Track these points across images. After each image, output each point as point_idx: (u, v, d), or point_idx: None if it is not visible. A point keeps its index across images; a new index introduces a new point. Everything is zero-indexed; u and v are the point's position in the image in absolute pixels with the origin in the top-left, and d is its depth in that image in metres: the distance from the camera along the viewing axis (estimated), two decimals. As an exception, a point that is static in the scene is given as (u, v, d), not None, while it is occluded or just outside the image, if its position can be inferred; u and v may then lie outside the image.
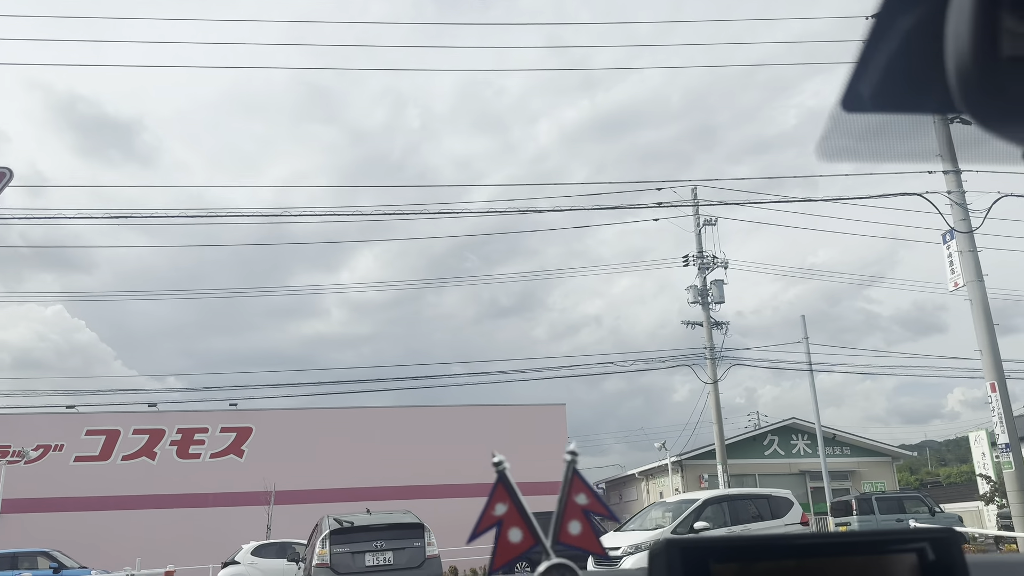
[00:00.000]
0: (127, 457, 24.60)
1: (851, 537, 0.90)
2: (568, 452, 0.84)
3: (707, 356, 19.76)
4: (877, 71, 0.52)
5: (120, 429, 24.87)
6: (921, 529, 0.93)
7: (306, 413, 26.91)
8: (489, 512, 0.81)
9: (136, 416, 25.30)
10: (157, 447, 24.92)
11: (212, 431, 25.39)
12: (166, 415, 25.55)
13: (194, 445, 25.17)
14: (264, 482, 21.20)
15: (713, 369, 19.98)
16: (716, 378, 19.62)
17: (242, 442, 25.40)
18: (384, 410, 27.15)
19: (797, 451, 27.10)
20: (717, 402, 19.62)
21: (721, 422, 19.65)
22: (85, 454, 24.43)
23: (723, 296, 20.03)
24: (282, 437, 25.55)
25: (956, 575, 0.87)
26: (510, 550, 0.81)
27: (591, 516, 0.84)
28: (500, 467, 0.81)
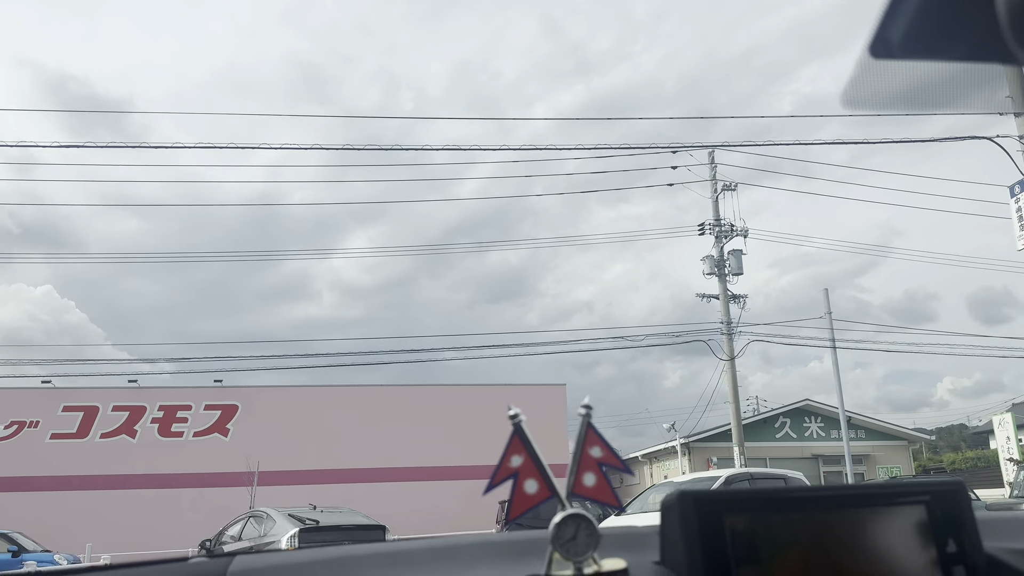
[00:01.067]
0: (106, 435, 23.47)
1: (858, 490, 0.94)
2: (583, 406, 0.87)
3: (723, 331, 18.46)
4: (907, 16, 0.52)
5: (99, 405, 23.69)
6: (927, 481, 0.95)
7: (295, 391, 25.73)
8: (505, 464, 0.85)
9: (116, 392, 24.12)
10: (138, 425, 23.77)
11: (196, 408, 24.22)
12: (147, 391, 24.37)
13: (177, 423, 24.00)
14: (247, 462, 19.99)
15: (730, 345, 18.75)
16: (733, 354, 18.34)
17: (227, 420, 24.23)
18: (377, 388, 25.98)
19: (810, 434, 25.94)
20: (734, 380, 18.44)
21: (738, 401, 18.46)
22: (61, 431, 23.30)
23: (741, 267, 18.78)
24: (270, 415, 24.39)
25: (963, 526, 0.90)
26: (526, 500, 0.84)
27: (604, 468, 0.86)
28: (516, 419, 0.85)
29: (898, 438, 27.00)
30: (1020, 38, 0.45)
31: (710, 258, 19.33)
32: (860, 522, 0.89)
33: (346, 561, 0.97)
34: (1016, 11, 0.43)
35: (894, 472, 25.41)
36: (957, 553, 0.90)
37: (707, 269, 19.32)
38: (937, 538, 0.90)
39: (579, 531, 0.83)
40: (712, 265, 19.23)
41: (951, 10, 0.51)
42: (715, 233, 18.98)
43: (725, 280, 18.89)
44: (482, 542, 1.03)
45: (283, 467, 24.26)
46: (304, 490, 25.70)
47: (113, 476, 23.48)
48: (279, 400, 25.20)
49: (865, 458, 26.26)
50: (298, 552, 1.00)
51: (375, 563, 0.97)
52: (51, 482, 22.90)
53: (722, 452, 25.69)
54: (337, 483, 25.46)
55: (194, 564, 0.98)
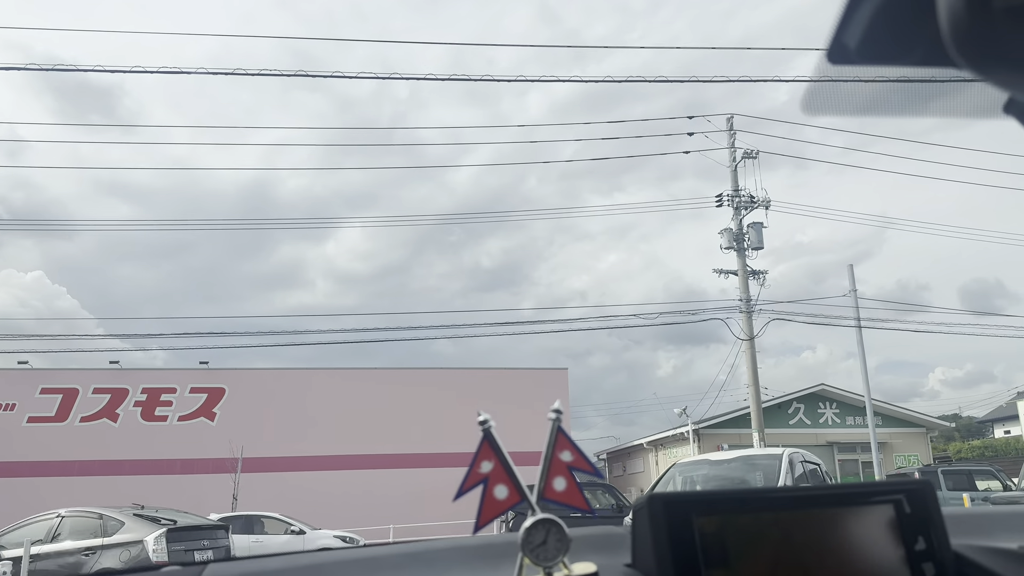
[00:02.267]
0: (86, 418, 22.51)
1: (829, 490, 0.97)
2: (553, 411, 0.88)
3: (742, 309, 17.27)
4: (863, 22, 0.54)
5: (78, 387, 22.70)
6: (896, 481, 0.99)
7: (285, 373, 24.65)
8: (475, 470, 0.85)
9: (96, 374, 23.11)
10: (119, 408, 22.79)
11: (181, 391, 23.20)
12: (130, 373, 23.32)
13: (160, 406, 23.01)
14: (230, 447, 18.91)
15: (749, 323, 17.56)
16: (752, 333, 17.16)
17: (214, 404, 23.20)
18: (371, 371, 24.90)
19: (825, 420, 24.90)
20: (753, 361, 17.37)
21: (758, 384, 17.29)
22: (39, 414, 22.30)
23: (761, 241, 17.55)
24: (258, 399, 23.36)
25: (931, 524, 0.93)
26: (496, 506, 0.84)
27: (575, 473, 0.87)
28: (485, 425, 0.86)
29: (916, 425, 25.92)
30: (961, 51, 0.47)
31: (728, 231, 18.07)
32: (830, 522, 0.90)
33: (322, 568, 0.97)
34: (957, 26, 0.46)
35: (912, 460, 24.27)
36: (926, 551, 0.92)
37: (725, 243, 18.11)
38: (906, 536, 0.92)
39: (549, 536, 0.84)
40: (730, 238, 17.99)
41: (904, 17, 0.52)
42: (733, 204, 17.71)
43: (744, 254, 17.62)
44: (458, 547, 1.04)
45: (273, 453, 23.16)
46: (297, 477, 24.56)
47: (93, 462, 22.57)
48: (268, 383, 24.13)
49: (882, 446, 25.16)
50: (272, 559, 1.00)
51: (351, 569, 0.98)
52: (28, 468, 21.97)
53: (732, 439, 24.64)
54: (330, 470, 24.39)
55: (167, 573, 0.97)
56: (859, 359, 17.86)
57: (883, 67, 0.59)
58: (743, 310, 18.04)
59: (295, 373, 25.39)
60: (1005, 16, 0.46)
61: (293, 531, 15.30)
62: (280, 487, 22.74)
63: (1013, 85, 0.51)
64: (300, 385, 24.78)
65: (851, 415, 26.00)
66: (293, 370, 25.52)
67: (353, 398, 24.65)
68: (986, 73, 0.49)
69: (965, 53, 0.48)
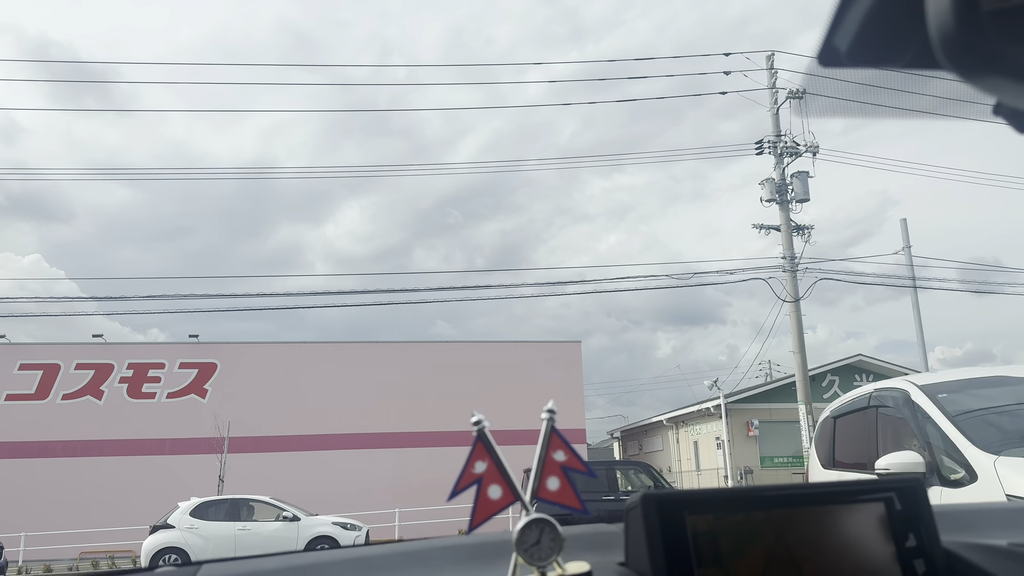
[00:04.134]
0: (68, 396, 21.18)
1: (819, 488, 0.98)
2: (546, 411, 0.89)
3: (785, 268, 15.52)
4: (854, 25, 0.55)
5: (60, 363, 21.33)
6: (887, 479, 1.00)
7: (281, 347, 23.15)
8: (469, 470, 0.86)
9: (78, 348, 21.73)
10: (104, 385, 21.42)
11: (169, 367, 21.78)
12: (115, 348, 21.90)
13: (148, 383, 21.58)
14: (216, 425, 17.35)
15: (793, 283, 15.84)
16: (798, 295, 15.42)
17: (205, 380, 21.75)
18: (374, 345, 23.47)
19: (861, 394, 22.93)
20: (799, 324, 15.77)
21: (804, 351, 15.61)
22: (18, 392, 21.03)
23: (807, 192, 15.79)
24: (252, 375, 21.88)
25: (922, 522, 0.94)
26: (490, 507, 0.85)
27: (569, 472, 0.89)
28: (479, 426, 0.87)
29: (962, 398, 23.98)
30: (949, 55, 0.48)
31: (770, 182, 16.24)
32: (821, 520, 0.92)
33: (316, 568, 0.98)
34: (944, 30, 0.47)
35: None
36: (916, 548, 0.93)
37: (766, 195, 16.29)
38: (896, 534, 0.93)
39: (543, 536, 0.84)
40: (772, 190, 16.17)
41: (894, 20, 0.53)
42: (776, 151, 15.89)
43: (788, 207, 15.83)
44: (452, 546, 1.06)
45: (268, 432, 21.56)
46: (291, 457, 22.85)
47: (77, 442, 21.33)
48: (263, 358, 22.63)
49: (923, 421, 23.30)
50: (267, 559, 1.01)
51: (346, 569, 0.98)
52: (7, 449, 20.77)
53: (761, 414, 22.95)
54: (331, 450, 22.76)
55: (161, 573, 0.96)
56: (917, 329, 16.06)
57: (873, 69, 0.59)
58: (786, 269, 16.25)
59: (292, 347, 23.88)
60: (992, 21, 0.47)
61: (286, 517, 13.73)
62: (276, 469, 21.32)
63: (1000, 90, 0.51)
64: (297, 360, 23.27)
65: (889, 388, 24.21)
66: (290, 344, 24.05)
67: (355, 374, 23.16)
68: (973, 78, 0.50)
69: (952, 57, 0.49)
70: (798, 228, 16.82)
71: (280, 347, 24.13)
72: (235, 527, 13.51)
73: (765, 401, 23.74)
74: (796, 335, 16.47)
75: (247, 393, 22.41)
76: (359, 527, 14.40)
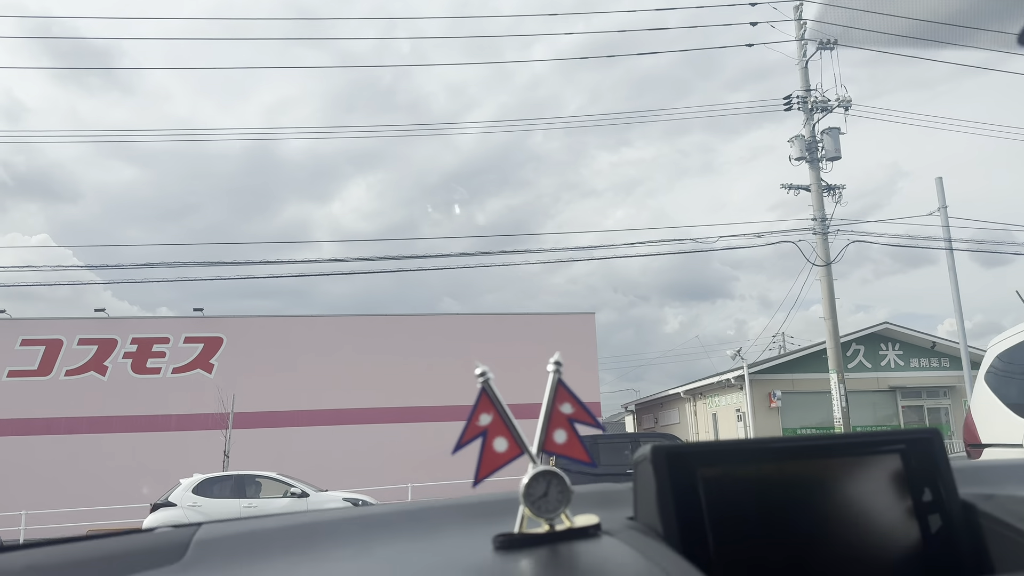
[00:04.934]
0: (71, 372, 20.64)
1: (834, 439, 0.95)
2: (553, 363, 0.88)
3: (816, 230, 14.66)
4: None
5: (62, 338, 20.74)
6: (903, 430, 0.98)
7: (288, 321, 22.53)
8: (473, 423, 0.85)
9: (81, 323, 21.19)
10: (108, 360, 20.86)
11: (174, 341, 21.16)
12: (118, 322, 21.33)
13: (153, 358, 20.97)
14: (221, 400, 16.74)
15: (824, 246, 15.00)
16: (829, 259, 14.57)
17: (211, 355, 21.14)
18: (384, 318, 22.84)
19: (887, 363, 22.59)
20: (830, 289, 15.00)
21: (836, 317, 14.80)
22: (20, 368, 20.43)
23: (839, 150, 14.89)
24: (259, 349, 21.27)
25: (939, 474, 0.92)
26: (495, 459, 0.84)
27: (575, 425, 0.88)
28: (484, 378, 0.86)
29: (992, 366, 23.13)
30: None
31: (800, 139, 15.31)
32: (834, 472, 0.90)
33: (316, 527, 0.97)
34: None
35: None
36: (933, 501, 0.91)
37: (795, 153, 15.38)
38: (912, 487, 0.92)
39: (550, 488, 0.84)
40: (801, 147, 15.25)
41: None
42: (805, 106, 14.94)
43: (818, 166, 14.91)
44: (454, 504, 1.05)
45: (276, 407, 20.95)
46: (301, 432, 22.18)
47: (81, 419, 20.85)
48: (271, 332, 22.03)
49: (950, 390, 22.65)
50: (266, 518, 1.00)
51: (346, 528, 0.98)
52: (9, 426, 20.23)
53: (783, 385, 22.19)
54: (341, 424, 22.13)
55: (158, 534, 0.98)
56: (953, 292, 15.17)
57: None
58: (816, 231, 15.37)
59: (299, 321, 23.28)
60: None
61: (294, 493, 13.13)
62: (285, 444, 20.79)
63: None
64: (305, 334, 22.67)
65: (915, 356, 23.60)
66: (297, 318, 23.48)
67: (365, 347, 22.58)
68: None
69: None
70: (829, 188, 15.92)
71: (288, 320, 23.52)
72: (240, 504, 12.93)
73: (788, 371, 23.02)
74: (827, 300, 15.66)
75: (255, 367, 21.86)
76: (371, 504, 13.80)
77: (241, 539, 0.93)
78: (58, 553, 0.91)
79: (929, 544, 0.89)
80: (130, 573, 0.84)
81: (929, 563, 0.88)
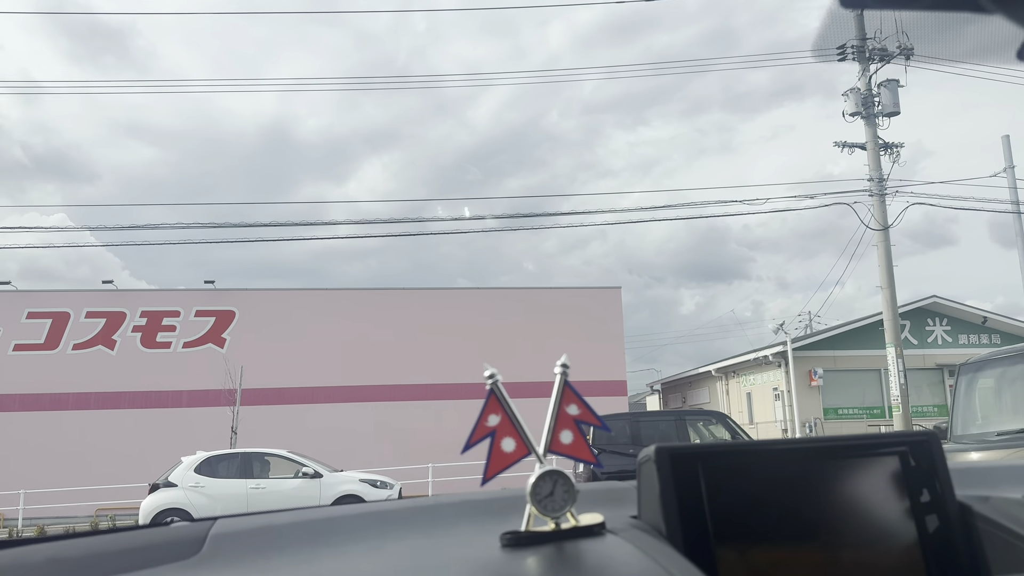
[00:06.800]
0: (79, 346, 19.79)
1: (834, 441, 0.97)
2: (560, 365, 0.89)
3: (872, 191, 13.24)
4: None
5: (70, 311, 19.89)
6: (902, 432, 1.00)
7: (302, 294, 21.54)
8: (482, 423, 0.86)
9: (89, 295, 20.32)
10: (116, 334, 19.97)
11: (185, 315, 20.20)
12: (126, 295, 20.45)
13: (162, 332, 20.04)
14: (228, 373, 15.70)
15: (882, 208, 13.59)
16: (887, 223, 13.16)
17: (223, 329, 20.18)
18: (402, 292, 21.59)
19: (934, 340, 21.10)
20: (888, 256, 13.76)
21: (894, 286, 13.41)
22: (26, 341, 19.56)
23: (897, 104, 13.42)
24: (273, 323, 20.28)
25: (937, 476, 0.93)
26: (503, 459, 0.85)
27: (582, 426, 0.89)
28: (493, 379, 0.87)
29: (1048, 344, 21.60)
30: None
31: (855, 92, 13.80)
32: (836, 473, 0.91)
33: (333, 522, 0.98)
34: None
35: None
36: (931, 502, 0.93)
37: (850, 108, 13.90)
38: (911, 488, 0.93)
39: (556, 487, 0.85)
40: (857, 102, 13.75)
41: None
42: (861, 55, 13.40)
43: (875, 122, 13.44)
44: (465, 501, 1.07)
45: (290, 383, 19.92)
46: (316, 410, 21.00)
47: (89, 394, 20.06)
48: (285, 305, 21.03)
49: (1002, 369, 20.96)
50: (282, 513, 1.01)
51: (361, 523, 0.99)
52: (15, 401, 19.39)
53: (825, 362, 20.79)
54: (357, 401, 21.02)
55: (175, 528, 0.99)
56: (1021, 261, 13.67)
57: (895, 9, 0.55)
58: (873, 192, 13.92)
59: (314, 294, 22.30)
60: None
61: (306, 473, 12.00)
62: (300, 422, 19.83)
63: None
64: (321, 308, 21.70)
65: (964, 333, 22.19)
66: (312, 291, 22.57)
67: (384, 322, 21.58)
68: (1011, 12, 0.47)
69: None
70: (886, 146, 14.47)
71: (302, 294, 22.55)
72: (247, 485, 11.87)
73: (829, 348, 21.63)
74: (884, 268, 14.29)
75: (268, 342, 20.97)
76: (390, 484, 12.71)
77: (256, 534, 0.95)
78: (77, 546, 0.92)
79: (926, 546, 0.91)
80: (147, 567, 0.86)
81: (927, 565, 0.91)
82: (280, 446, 14.55)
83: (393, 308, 22.94)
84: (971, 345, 22.92)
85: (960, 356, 23.17)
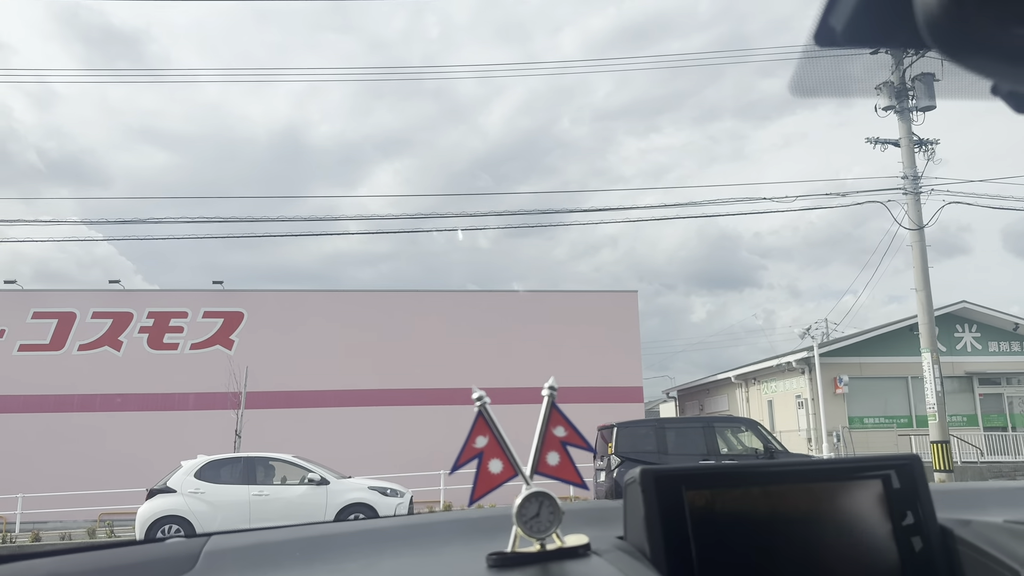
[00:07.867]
0: (85, 347, 19.38)
1: (818, 464, 0.98)
2: (547, 387, 0.89)
3: (907, 189, 12.52)
4: (849, 5, 0.55)
5: (76, 311, 19.51)
6: (886, 456, 0.99)
7: (312, 296, 21.08)
8: (470, 445, 0.85)
9: (95, 295, 19.93)
10: (123, 335, 19.55)
11: (193, 316, 19.75)
12: (133, 295, 20.03)
13: (170, 333, 19.57)
14: (233, 375, 15.15)
15: (916, 207, 12.88)
16: (922, 221, 12.45)
17: (231, 330, 19.70)
18: (419, 295, 21.20)
19: (963, 347, 20.40)
20: (923, 257, 13.10)
21: (929, 288, 12.69)
22: (32, 342, 19.18)
23: (933, 98, 12.64)
24: (282, 325, 19.78)
25: (919, 500, 0.92)
26: (491, 480, 0.85)
27: (568, 448, 0.89)
28: (481, 402, 0.86)
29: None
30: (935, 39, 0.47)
31: (888, 85, 13.07)
32: (819, 496, 0.91)
33: (326, 539, 0.97)
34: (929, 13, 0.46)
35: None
36: (913, 525, 0.92)
37: (883, 103, 13.16)
38: (894, 511, 0.92)
39: (542, 509, 0.85)
40: (891, 95, 13.04)
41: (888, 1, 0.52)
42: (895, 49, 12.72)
43: (910, 116, 12.74)
44: (456, 519, 1.07)
45: (299, 387, 19.34)
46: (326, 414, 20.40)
47: (95, 396, 19.74)
48: (294, 307, 20.50)
49: (1033, 377, 20.21)
50: (276, 531, 0.99)
51: (354, 540, 0.98)
52: (20, 402, 18.97)
53: (851, 369, 20.02)
54: (366, 406, 20.44)
55: (169, 544, 0.97)
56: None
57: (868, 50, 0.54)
58: (907, 191, 13.21)
59: (326, 296, 21.86)
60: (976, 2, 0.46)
61: (312, 480, 11.39)
62: (309, 426, 19.27)
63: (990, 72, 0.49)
64: (332, 310, 21.29)
65: (994, 340, 21.44)
66: (323, 292, 22.05)
67: (396, 325, 21.14)
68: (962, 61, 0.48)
69: (939, 40, 0.47)
70: (920, 142, 13.76)
71: (312, 295, 22.11)
72: (250, 492, 11.28)
73: (855, 354, 20.86)
74: (919, 269, 13.59)
75: (277, 344, 20.45)
76: (401, 492, 12.09)
77: (251, 550, 0.94)
78: (74, 562, 0.92)
79: (907, 569, 0.91)
80: None
81: None
82: (287, 450, 13.98)
83: (406, 310, 22.67)
84: (1002, 353, 22.08)
85: (991, 364, 22.47)
